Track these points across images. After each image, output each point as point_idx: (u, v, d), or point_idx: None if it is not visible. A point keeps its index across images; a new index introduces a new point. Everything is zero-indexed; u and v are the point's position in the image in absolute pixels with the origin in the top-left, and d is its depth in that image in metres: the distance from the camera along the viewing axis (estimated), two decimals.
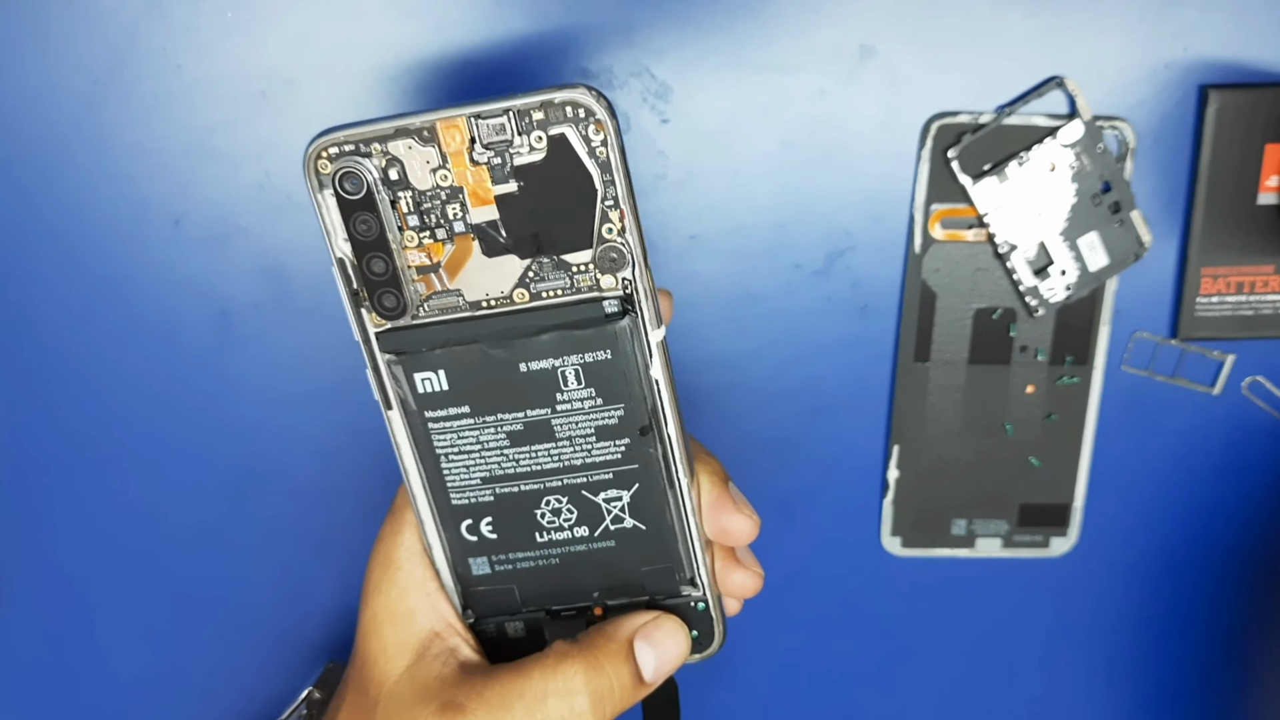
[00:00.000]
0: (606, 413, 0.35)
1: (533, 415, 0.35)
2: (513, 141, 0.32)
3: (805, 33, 0.46)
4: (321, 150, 0.33)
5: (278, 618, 0.52)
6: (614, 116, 0.32)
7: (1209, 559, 0.53)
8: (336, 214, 0.33)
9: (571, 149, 0.32)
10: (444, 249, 0.34)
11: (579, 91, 0.32)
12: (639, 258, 0.33)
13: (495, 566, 0.38)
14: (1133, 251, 0.48)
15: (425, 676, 0.37)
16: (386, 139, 0.32)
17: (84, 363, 0.48)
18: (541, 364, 0.34)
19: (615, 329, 0.34)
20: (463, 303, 0.34)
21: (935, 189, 0.47)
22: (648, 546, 0.37)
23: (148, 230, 0.47)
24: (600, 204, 0.33)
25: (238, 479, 0.50)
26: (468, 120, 0.32)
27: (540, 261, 0.34)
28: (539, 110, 0.32)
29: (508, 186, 0.33)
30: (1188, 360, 0.50)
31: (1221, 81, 0.47)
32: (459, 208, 0.33)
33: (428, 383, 0.35)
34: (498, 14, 0.45)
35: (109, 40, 0.45)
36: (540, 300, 0.34)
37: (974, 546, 0.52)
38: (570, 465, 0.36)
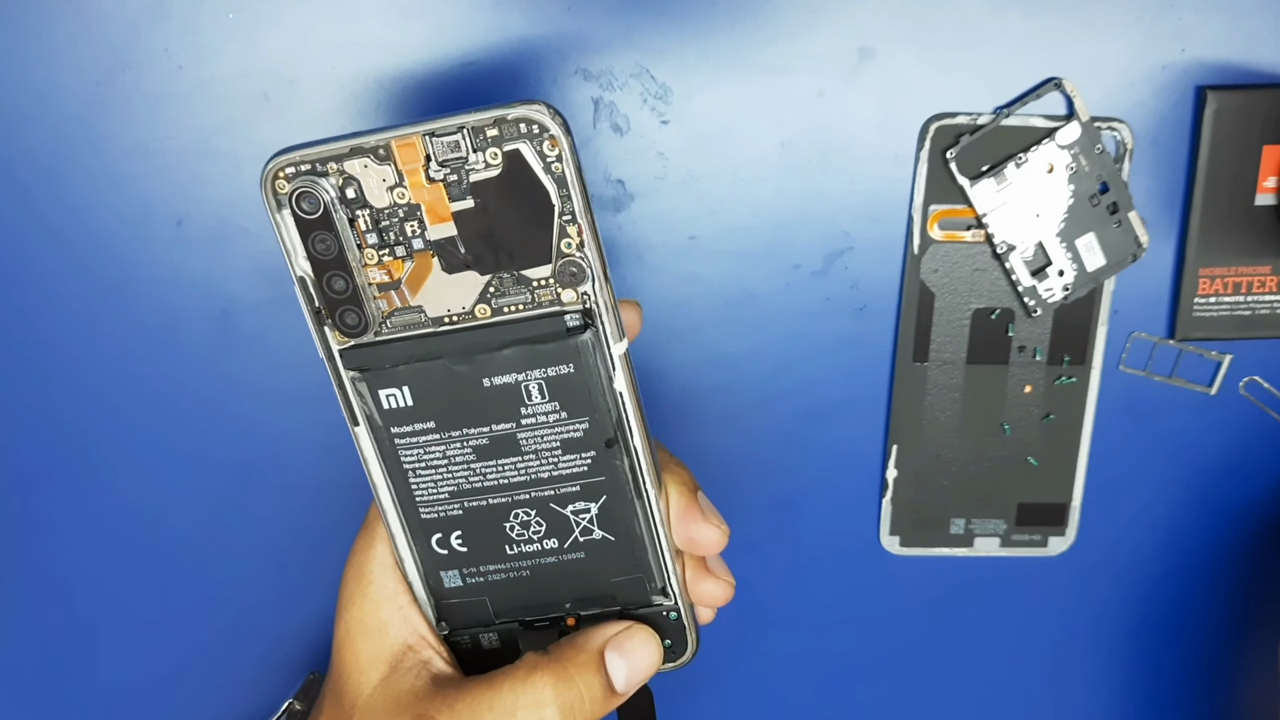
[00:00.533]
0: (571, 426, 0.35)
1: (498, 430, 0.35)
2: (468, 159, 0.32)
3: (804, 34, 0.46)
4: (278, 170, 0.33)
5: (279, 618, 0.52)
6: (568, 132, 0.32)
7: (1207, 558, 0.54)
8: (295, 233, 0.33)
9: (527, 165, 0.32)
10: (404, 266, 0.34)
11: (533, 108, 0.32)
12: (599, 271, 0.33)
13: (467, 579, 0.38)
14: (1130, 252, 0.48)
15: (398, 689, 0.37)
16: (342, 158, 0.32)
17: (86, 363, 0.48)
18: (505, 379, 0.34)
19: (577, 343, 0.34)
20: (425, 319, 0.34)
21: (934, 190, 0.48)
22: (617, 557, 0.37)
23: (150, 231, 0.47)
24: (558, 219, 0.33)
25: (238, 479, 0.50)
26: (422, 138, 0.32)
27: (500, 277, 0.34)
28: (493, 127, 0.32)
29: (465, 203, 0.33)
30: (1185, 360, 0.50)
31: (1219, 83, 0.47)
32: (417, 225, 0.33)
33: (392, 399, 0.35)
34: (498, 16, 0.45)
35: (111, 41, 0.45)
36: (502, 315, 0.34)
37: (972, 546, 0.52)
38: (538, 478, 0.36)
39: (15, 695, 0.53)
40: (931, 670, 0.55)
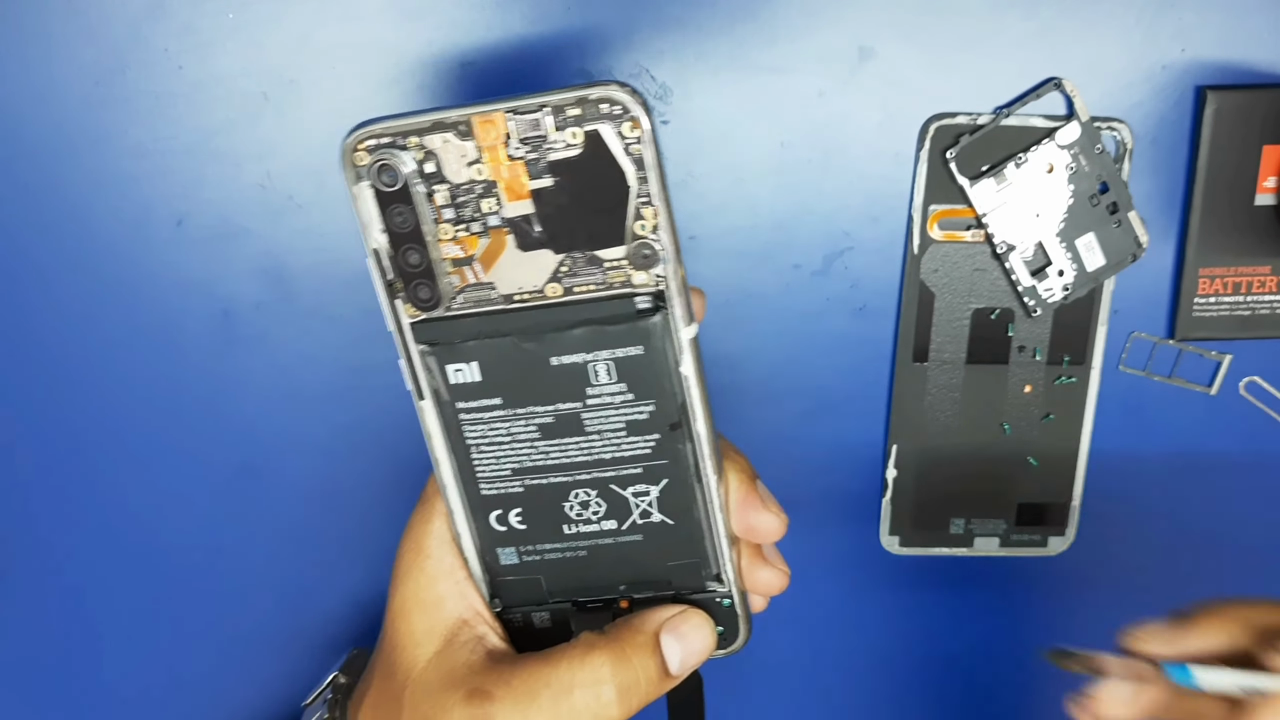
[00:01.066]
0: (637, 408, 0.35)
1: (563, 409, 0.35)
2: (548, 137, 0.33)
3: (804, 34, 0.46)
4: (358, 143, 0.33)
5: (279, 618, 0.52)
6: (650, 114, 0.32)
7: (1206, 558, 0.53)
8: (373, 206, 0.33)
9: (606, 146, 0.32)
10: (478, 242, 0.34)
11: (615, 89, 0.32)
12: (672, 255, 0.34)
13: (523, 557, 0.38)
14: (1130, 252, 0.48)
15: (453, 663, 0.37)
16: (423, 132, 0.33)
17: (86, 363, 0.48)
18: (573, 358, 0.34)
19: (647, 325, 0.34)
20: (496, 295, 0.34)
21: (933, 190, 0.48)
22: (675, 542, 0.37)
23: (150, 231, 0.47)
24: (634, 201, 0.33)
25: (239, 479, 0.50)
26: (504, 115, 0.32)
27: (573, 257, 0.34)
28: (575, 106, 0.32)
29: (543, 182, 0.33)
30: (1185, 360, 0.50)
31: (1219, 83, 0.47)
32: (494, 202, 0.33)
33: (460, 374, 0.35)
34: (498, 16, 0.45)
35: (111, 41, 0.45)
36: (572, 295, 0.34)
37: (972, 545, 0.53)
38: (600, 459, 0.36)
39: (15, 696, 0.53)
40: (930, 669, 0.55)
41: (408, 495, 0.51)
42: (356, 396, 0.49)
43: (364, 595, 0.52)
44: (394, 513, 0.51)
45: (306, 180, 0.47)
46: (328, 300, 0.48)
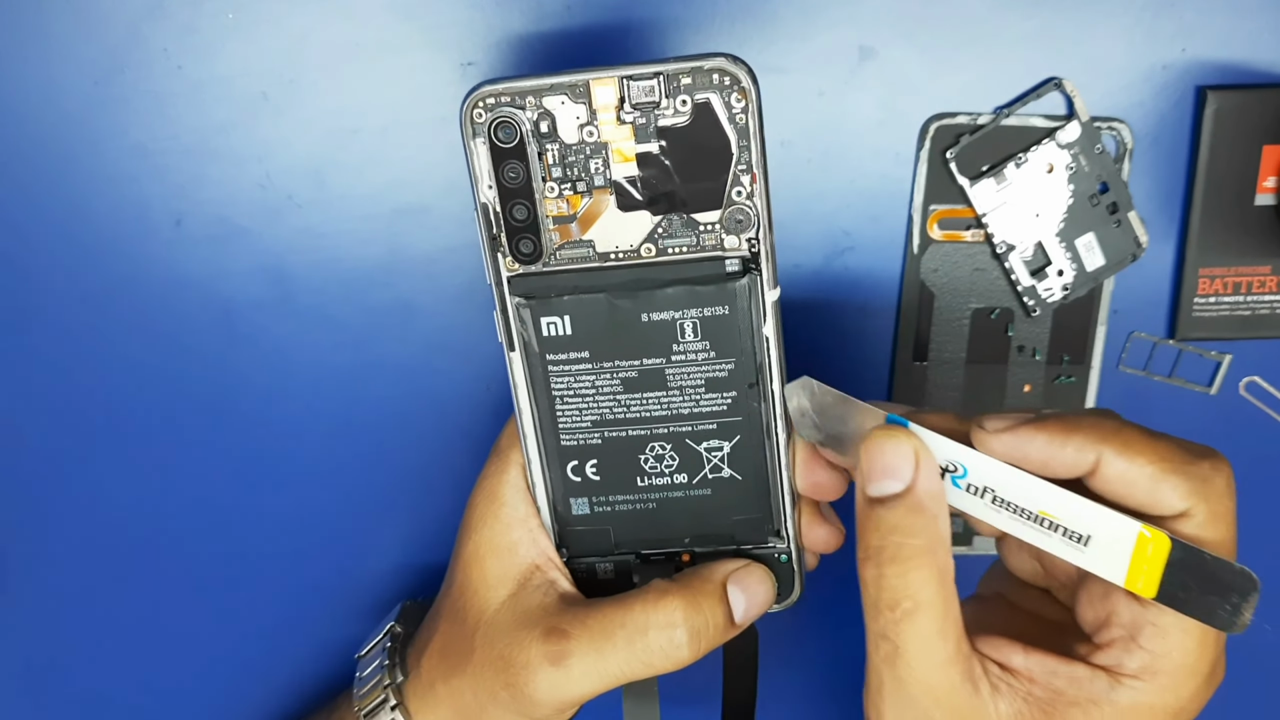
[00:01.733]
0: (718, 366, 0.37)
1: (648, 364, 0.37)
2: (660, 103, 0.34)
3: (804, 34, 0.46)
4: (479, 100, 0.34)
5: (279, 614, 0.52)
6: (757, 87, 0.34)
7: None
8: (486, 161, 0.35)
9: (714, 114, 0.34)
10: (581, 201, 0.35)
11: (728, 61, 0.34)
12: (765, 220, 0.35)
13: (595, 508, 0.39)
14: (1130, 252, 0.48)
15: (527, 605, 0.39)
16: (541, 93, 0.34)
17: (87, 363, 0.48)
18: (663, 315, 0.36)
19: (735, 287, 0.35)
20: (592, 254, 0.36)
21: (933, 189, 0.48)
22: (742, 496, 0.39)
23: (149, 231, 0.47)
24: (734, 168, 0.35)
25: (238, 479, 0.50)
26: (620, 81, 0.34)
27: (670, 219, 0.36)
28: (688, 76, 0.34)
29: (649, 146, 0.35)
30: (1184, 360, 0.50)
31: (1219, 83, 0.47)
32: (601, 163, 0.35)
33: (553, 327, 0.37)
34: (497, 15, 0.45)
35: (110, 41, 0.45)
36: (665, 256, 0.36)
37: (971, 545, 0.53)
38: (678, 414, 0.38)
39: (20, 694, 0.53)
40: None
41: (408, 493, 0.51)
42: (356, 395, 0.49)
43: (365, 592, 0.52)
44: (394, 512, 0.51)
45: (306, 180, 0.47)
46: (328, 300, 0.48)
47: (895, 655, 0.33)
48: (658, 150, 0.35)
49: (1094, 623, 0.35)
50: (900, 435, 0.34)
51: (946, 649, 0.33)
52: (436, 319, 0.48)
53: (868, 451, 0.34)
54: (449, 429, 0.50)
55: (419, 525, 0.51)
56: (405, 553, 0.51)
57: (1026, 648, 0.35)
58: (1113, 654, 0.34)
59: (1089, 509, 0.33)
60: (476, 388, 0.49)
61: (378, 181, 0.47)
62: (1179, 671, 0.33)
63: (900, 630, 0.33)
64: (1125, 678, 0.33)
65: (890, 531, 0.33)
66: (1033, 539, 0.34)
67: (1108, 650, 0.34)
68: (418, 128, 0.46)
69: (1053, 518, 0.33)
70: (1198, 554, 0.32)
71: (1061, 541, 0.33)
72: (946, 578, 0.33)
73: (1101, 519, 0.32)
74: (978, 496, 0.34)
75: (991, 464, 0.33)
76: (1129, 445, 0.32)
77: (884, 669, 0.34)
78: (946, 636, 0.33)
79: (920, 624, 0.33)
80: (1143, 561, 0.32)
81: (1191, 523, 0.33)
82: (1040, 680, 0.34)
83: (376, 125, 0.46)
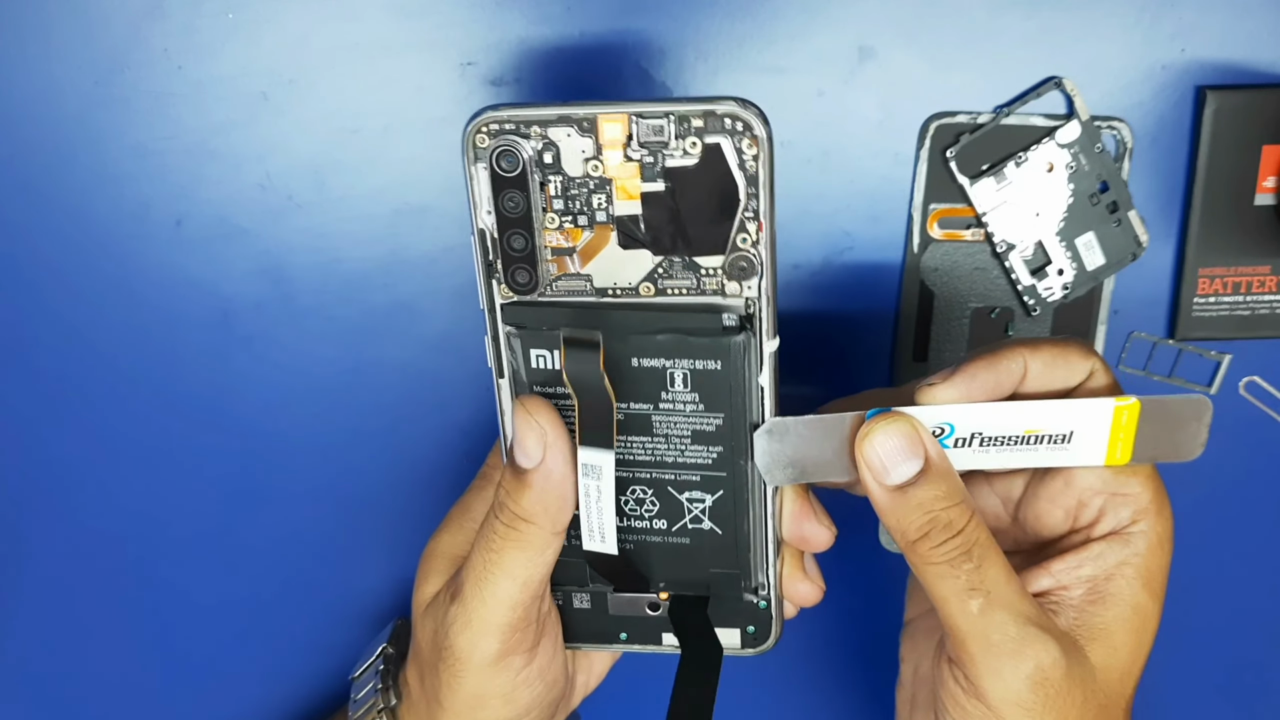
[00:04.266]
0: (706, 419, 0.36)
1: (635, 408, 0.36)
2: (668, 144, 0.33)
3: (803, 34, 0.46)
4: (482, 125, 0.34)
5: (279, 616, 0.52)
6: (769, 135, 0.33)
7: (1205, 558, 0.54)
8: (486, 187, 0.34)
9: (724, 158, 0.33)
10: (582, 235, 0.35)
11: (741, 106, 0.33)
12: (768, 269, 0.34)
13: (572, 540, 0.38)
14: (1130, 251, 0.48)
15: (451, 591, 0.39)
16: (547, 124, 0.33)
17: (86, 363, 0.48)
18: (652, 363, 0.35)
19: (730, 342, 0.34)
20: (590, 288, 0.35)
21: (933, 189, 0.48)
22: (720, 551, 0.38)
23: (149, 231, 0.47)
24: (740, 214, 0.34)
25: (238, 479, 0.50)
26: (629, 118, 0.33)
27: (671, 260, 0.35)
28: (700, 118, 0.33)
29: (655, 185, 0.34)
30: (1184, 360, 0.50)
31: (1219, 83, 0.47)
32: (604, 199, 0.34)
33: (542, 360, 0.36)
34: (497, 16, 0.45)
35: (110, 41, 0.45)
36: (665, 296, 0.35)
37: None
38: (661, 461, 0.37)
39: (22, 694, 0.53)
40: None
41: (407, 494, 0.51)
42: (355, 395, 0.49)
43: (366, 590, 0.52)
44: (394, 511, 0.51)
45: (306, 180, 0.47)
46: (328, 300, 0.48)
47: (990, 602, 0.35)
48: (663, 190, 0.34)
49: (1068, 514, 0.38)
50: (895, 419, 0.35)
51: (1018, 582, 0.36)
52: (436, 319, 0.48)
53: (872, 447, 0.35)
54: (449, 429, 0.50)
55: (419, 525, 0.51)
56: (405, 553, 0.51)
57: (1043, 566, 0.37)
58: (1108, 519, 0.37)
59: (1066, 406, 0.35)
60: (476, 388, 0.49)
61: (378, 181, 0.47)
62: (1157, 497, 0.37)
63: (984, 573, 0.35)
64: (1129, 529, 0.37)
65: (932, 505, 0.35)
66: (1025, 461, 0.36)
67: (1102, 520, 0.37)
68: (418, 128, 0.46)
69: (1037, 430, 0.35)
70: (1161, 401, 0.35)
71: (1048, 450, 0.36)
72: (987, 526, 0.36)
73: (1078, 409, 0.35)
74: (968, 447, 0.36)
75: (971, 409, 0.35)
76: (1035, 343, 0.36)
77: (980, 622, 0.35)
78: (1013, 572, 0.36)
79: (997, 563, 0.35)
80: (1119, 433, 0.36)
81: (1097, 378, 0.37)
82: (1071, 582, 0.37)
83: (376, 125, 0.46)
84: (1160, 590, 0.38)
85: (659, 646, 0.40)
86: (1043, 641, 0.35)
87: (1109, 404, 0.35)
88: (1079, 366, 0.36)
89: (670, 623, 0.39)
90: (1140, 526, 0.37)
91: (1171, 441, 0.36)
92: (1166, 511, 0.38)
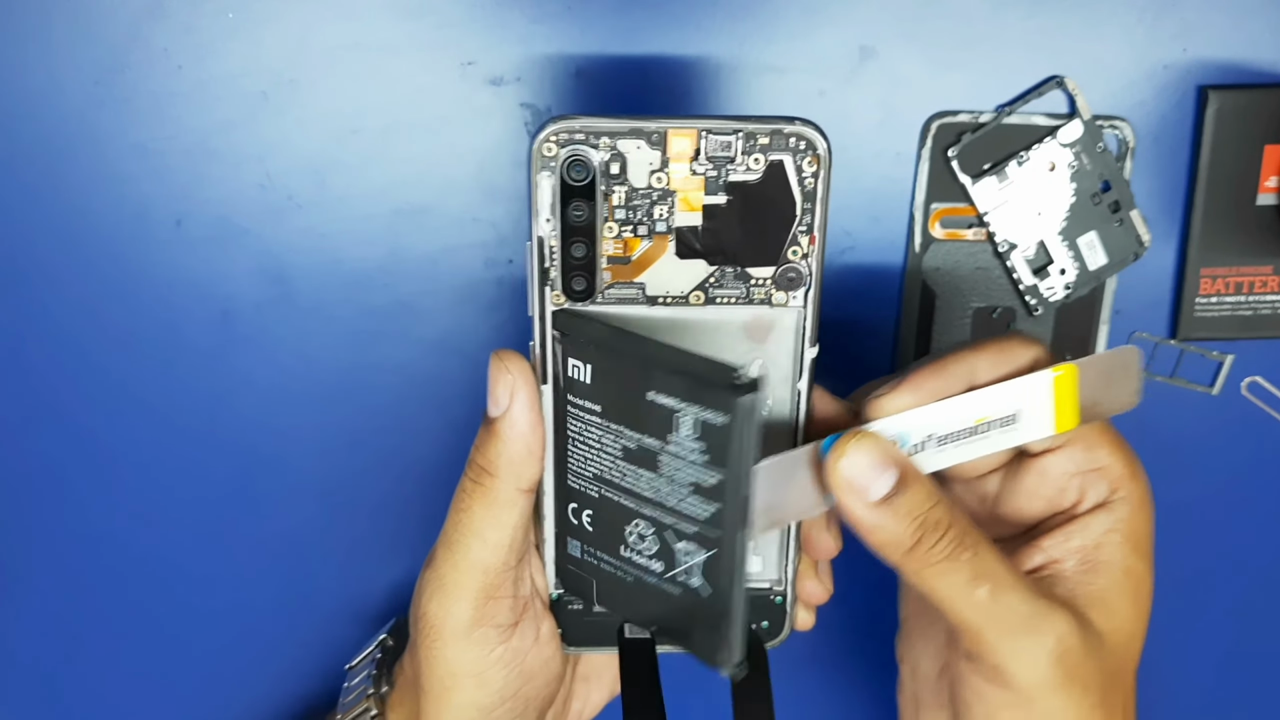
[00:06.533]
0: (707, 473, 0.35)
1: (646, 442, 0.36)
2: (734, 159, 0.34)
3: (805, 33, 0.46)
4: (552, 135, 0.34)
5: (279, 618, 0.52)
6: (829, 154, 0.34)
7: (1206, 558, 0.53)
8: (549, 195, 0.35)
9: (785, 175, 0.35)
10: (639, 244, 0.35)
11: (807, 127, 0.34)
12: (815, 280, 0.36)
13: (584, 554, 0.39)
14: (1132, 251, 0.48)
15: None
16: (616, 135, 0.34)
17: (85, 363, 0.48)
18: (665, 400, 0.35)
19: (736, 400, 0.34)
20: (642, 296, 0.36)
21: (935, 188, 0.48)
22: (706, 613, 0.37)
23: (149, 231, 0.47)
24: (795, 228, 0.35)
25: (238, 479, 0.50)
26: (700, 134, 0.34)
27: (724, 270, 0.36)
28: (766, 136, 0.34)
29: (716, 198, 0.35)
30: (1186, 360, 0.50)
31: (1221, 82, 0.47)
32: (667, 210, 0.35)
33: (577, 370, 0.36)
34: (497, 15, 0.45)
35: (110, 41, 0.45)
36: (714, 304, 0.36)
37: None
38: (663, 503, 0.37)
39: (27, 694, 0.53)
40: None
41: (407, 493, 0.51)
42: (355, 395, 0.49)
43: (365, 590, 0.52)
44: (394, 510, 0.51)
45: (306, 180, 0.46)
46: (328, 300, 0.48)
47: (997, 586, 0.35)
48: (724, 204, 0.35)
49: (1049, 501, 0.39)
50: (861, 438, 0.35)
51: (1013, 563, 0.36)
52: (436, 319, 0.48)
53: (847, 470, 0.35)
54: (449, 429, 0.50)
55: (419, 526, 0.51)
56: (405, 553, 0.51)
57: (1035, 544, 0.38)
58: (1090, 495, 0.38)
59: (1008, 386, 0.36)
60: (477, 388, 0.49)
61: (378, 181, 0.47)
62: (1129, 463, 0.38)
63: (984, 558, 0.35)
64: (1110, 501, 0.38)
65: (919, 508, 0.35)
66: (981, 450, 0.37)
67: (1084, 498, 0.38)
68: (418, 128, 0.46)
69: (986, 417, 0.36)
70: (1093, 360, 0.37)
71: (1000, 434, 0.36)
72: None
73: (1020, 386, 0.36)
74: (925, 450, 0.36)
75: (920, 413, 0.36)
76: (977, 344, 0.37)
77: (992, 608, 0.35)
78: (1003, 555, 0.36)
79: (992, 551, 0.36)
80: (1063, 400, 0.36)
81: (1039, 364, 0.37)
82: (1062, 555, 0.38)
83: (376, 125, 0.46)
84: (1148, 552, 0.38)
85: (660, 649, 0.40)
86: (1057, 613, 0.36)
87: (1047, 375, 0.36)
88: (1022, 355, 0.37)
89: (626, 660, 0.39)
90: (1120, 494, 0.38)
91: (1112, 395, 0.37)
92: (1141, 475, 0.38)
